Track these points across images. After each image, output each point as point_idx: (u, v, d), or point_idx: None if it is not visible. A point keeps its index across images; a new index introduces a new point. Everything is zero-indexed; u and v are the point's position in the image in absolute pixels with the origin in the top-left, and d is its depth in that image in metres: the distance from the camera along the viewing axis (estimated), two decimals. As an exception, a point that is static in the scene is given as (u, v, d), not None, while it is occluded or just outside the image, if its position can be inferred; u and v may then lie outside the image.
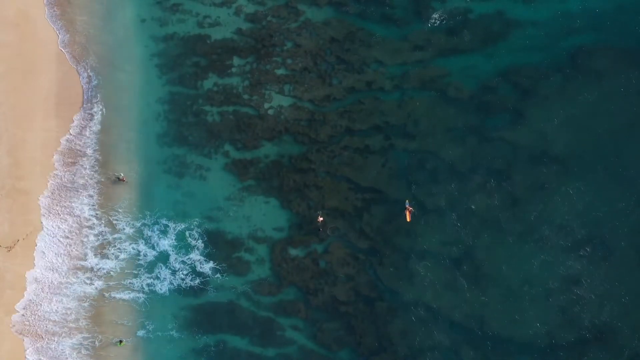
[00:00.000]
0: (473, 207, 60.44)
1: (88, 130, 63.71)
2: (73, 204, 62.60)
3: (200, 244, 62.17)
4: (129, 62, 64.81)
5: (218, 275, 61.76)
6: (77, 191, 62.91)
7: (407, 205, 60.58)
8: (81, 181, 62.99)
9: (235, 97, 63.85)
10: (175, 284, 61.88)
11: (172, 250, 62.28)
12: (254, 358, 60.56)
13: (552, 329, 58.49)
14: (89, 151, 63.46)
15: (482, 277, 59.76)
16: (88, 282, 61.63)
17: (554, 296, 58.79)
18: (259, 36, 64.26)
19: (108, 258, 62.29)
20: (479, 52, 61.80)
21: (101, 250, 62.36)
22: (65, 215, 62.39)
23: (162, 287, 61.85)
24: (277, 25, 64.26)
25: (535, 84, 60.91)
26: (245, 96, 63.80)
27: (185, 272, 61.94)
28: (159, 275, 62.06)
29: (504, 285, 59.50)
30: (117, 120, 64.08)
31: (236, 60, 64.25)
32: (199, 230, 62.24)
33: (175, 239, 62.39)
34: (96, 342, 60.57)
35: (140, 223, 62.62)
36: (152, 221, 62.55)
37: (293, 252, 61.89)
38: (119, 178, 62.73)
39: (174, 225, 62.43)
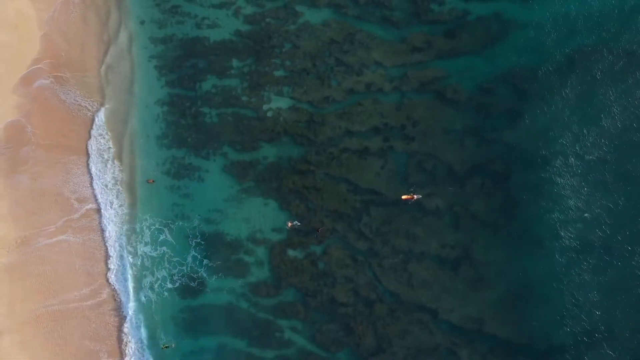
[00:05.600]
0: (471, 208, 60.51)
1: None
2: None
3: (198, 245, 62.26)
4: (127, 64, 64.80)
5: (217, 277, 61.91)
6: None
7: (413, 192, 60.57)
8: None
9: (234, 99, 63.89)
10: (173, 286, 62.00)
11: (170, 252, 62.39)
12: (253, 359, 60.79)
13: (551, 330, 58.61)
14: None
15: (480, 278, 59.85)
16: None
17: (552, 297, 58.87)
18: (258, 38, 64.25)
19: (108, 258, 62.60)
20: (478, 54, 61.75)
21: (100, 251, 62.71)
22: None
23: (160, 290, 61.97)
24: (276, 27, 64.24)
25: (533, 86, 60.89)
26: (244, 98, 63.84)
27: (183, 274, 62.06)
28: (156, 277, 62.17)
29: (502, 286, 59.58)
30: (116, 121, 64.14)
31: (235, 62, 64.26)
32: (197, 232, 62.33)
33: (173, 241, 62.48)
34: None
35: (139, 225, 62.74)
36: (150, 223, 62.67)
37: (292, 253, 61.99)
38: (147, 181, 62.95)
39: (172, 227, 62.55)
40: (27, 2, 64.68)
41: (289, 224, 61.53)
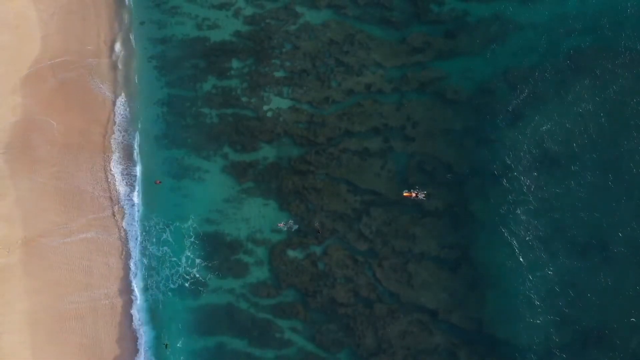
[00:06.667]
0: (471, 208, 60.63)
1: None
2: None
3: (198, 246, 62.29)
4: (128, 64, 64.93)
5: (216, 277, 61.93)
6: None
7: (417, 190, 60.73)
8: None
9: (234, 100, 63.97)
10: (172, 287, 62.02)
11: (170, 253, 62.41)
12: (253, 360, 60.96)
13: (550, 330, 58.70)
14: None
15: (479, 279, 59.93)
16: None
17: (552, 297, 58.97)
18: (258, 38, 64.34)
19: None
20: (477, 54, 61.92)
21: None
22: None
23: (159, 290, 62.02)
24: (276, 28, 64.34)
25: (533, 86, 61.04)
26: (244, 98, 63.92)
27: (183, 275, 62.06)
28: (156, 278, 62.19)
29: (502, 287, 59.67)
30: (128, 121, 64.28)
31: (235, 63, 64.34)
32: (197, 232, 62.37)
33: (173, 241, 62.53)
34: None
35: (148, 224, 62.85)
36: (155, 222, 62.77)
37: (292, 254, 62.05)
38: (155, 182, 63.06)
39: (172, 228, 62.59)
40: (28, 3, 64.78)
41: (283, 226, 61.55)
